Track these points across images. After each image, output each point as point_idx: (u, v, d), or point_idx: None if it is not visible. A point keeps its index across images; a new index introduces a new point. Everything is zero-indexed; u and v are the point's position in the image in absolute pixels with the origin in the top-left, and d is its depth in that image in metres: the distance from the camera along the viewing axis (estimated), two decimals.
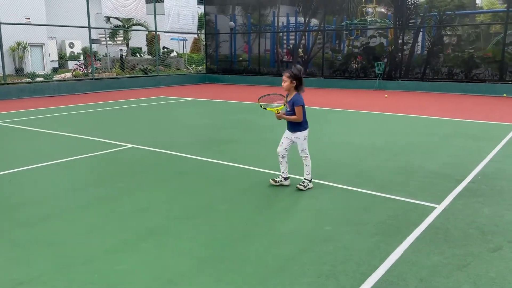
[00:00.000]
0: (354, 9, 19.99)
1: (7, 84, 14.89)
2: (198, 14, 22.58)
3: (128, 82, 18.59)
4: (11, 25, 15.68)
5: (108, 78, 18.42)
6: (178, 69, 25.02)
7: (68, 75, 18.98)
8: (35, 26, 20.62)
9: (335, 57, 20.34)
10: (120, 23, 26.31)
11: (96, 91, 16.90)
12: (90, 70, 18.58)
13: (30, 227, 3.76)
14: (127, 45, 28.01)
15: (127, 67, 22.43)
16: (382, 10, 20.53)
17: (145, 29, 25.51)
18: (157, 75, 20.09)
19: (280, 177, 4.89)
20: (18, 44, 22.31)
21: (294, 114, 4.68)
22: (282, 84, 4.77)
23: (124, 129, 8.75)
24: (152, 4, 20.48)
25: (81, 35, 24.35)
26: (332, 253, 3.26)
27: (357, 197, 4.58)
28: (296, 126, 4.75)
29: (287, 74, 4.70)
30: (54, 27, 22.40)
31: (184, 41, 28.27)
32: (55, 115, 10.69)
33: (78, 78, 18.03)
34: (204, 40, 24.63)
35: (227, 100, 14.24)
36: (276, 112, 4.72)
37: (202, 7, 23.55)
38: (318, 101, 13.22)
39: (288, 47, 22.18)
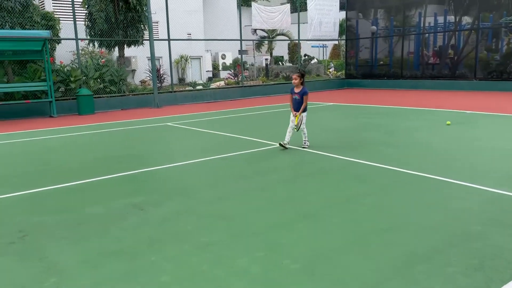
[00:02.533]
0: None
1: (174, 92, 17.44)
2: (339, 20, 22.93)
3: (272, 89, 19.96)
4: (177, 40, 18.33)
5: (255, 86, 20.05)
6: (318, 75, 25.70)
7: (222, 83, 21.21)
8: (195, 41, 23.53)
9: (492, 57, 18.55)
10: (265, 34, 28.20)
11: (245, 97, 18.60)
12: (240, 79, 20.46)
13: (209, 204, 4.67)
14: (271, 54, 29.83)
15: (271, 75, 23.97)
16: None
17: (288, 38, 26.85)
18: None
19: (287, 141, 7.31)
20: (181, 57, 25.71)
21: (302, 101, 7.19)
22: (293, 82, 7.29)
23: (272, 131, 9.63)
24: (295, 14, 21.59)
25: (232, 47, 26.91)
26: (481, 250, 3.35)
27: (510, 201, 4.44)
28: (299, 107, 7.18)
29: (297, 74, 7.25)
30: (210, 41, 25.21)
31: (324, 48, 28.87)
32: (213, 118, 12.25)
33: (230, 86, 20.04)
34: (344, 45, 24.82)
35: (367, 104, 14.28)
36: (297, 118, 7.23)
37: (343, 13, 23.81)
38: (471, 105, 12.36)
39: (435, 48, 20.98)
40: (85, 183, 5.67)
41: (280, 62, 30.47)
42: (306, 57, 29.45)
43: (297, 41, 22.49)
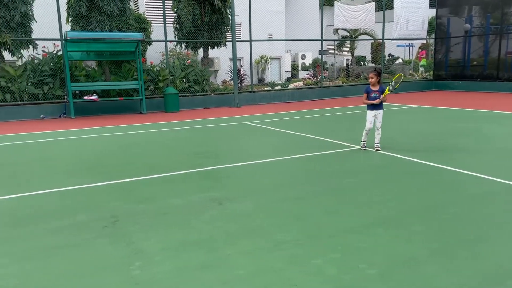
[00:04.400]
0: None
1: (254, 91, 17.77)
2: (428, 18, 21.68)
3: (353, 90, 19.47)
4: (258, 41, 18.64)
5: (334, 86, 19.72)
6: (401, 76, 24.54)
7: (300, 83, 21.17)
8: (276, 41, 23.77)
9: None
10: (347, 34, 27.60)
11: (324, 98, 18.38)
12: (319, 79, 20.26)
13: (284, 203, 4.70)
14: (353, 54, 29.12)
15: (351, 75, 23.41)
16: None
17: (372, 38, 26.01)
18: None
19: (364, 144, 7.35)
20: (262, 57, 26.12)
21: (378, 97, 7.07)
22: (370, 80, 7.10)
23: (350, 132, 9.41)
24: (380, 12, 20.84)
25: (312, 47, 26.73)
26: None
27: None
28: (381, 105, 7.17)
29: (374, 73, 7.07)
30: (290, 41, 25.29)
31: (410, 47, 27.50)
32: (291, 118, 12.28)
33: (309, 86, 19.93)
34: (433, 45, 23.42)
35: (457, 107, 13.35)
36: (386, 94, 7.09)
37: (433, 10, 22.47)
38: None
39: None
40: (168, 176, 6.01)
41: (362, 62, 29.62)
42: (390, 57, 28.29)
43: (381, 41, 21.69)
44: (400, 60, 28.85)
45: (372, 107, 7.20)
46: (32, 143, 9.07)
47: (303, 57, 29.80)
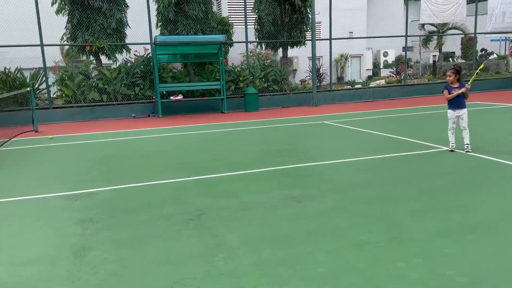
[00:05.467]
0: None
1: (333, 90, 17.52)
2: None
3: (440, 88, 18.29)
4: (338, 40, 18.33)
5: (419, 84, 18.74)
6: (497, 72, 22.59)
7: (382, 82, 20.42)
8: (357, 39, 23.19)
9: None
10: (434, 29, 26.04)
11: (407, 97, 17.56)
12: (402, 77, 19.39)
13: (365, 204, 4.61)
14: (440, 50, 27.40)
15: (438, 73, 22.04)
16: None
17: (462, 32, 24.27)
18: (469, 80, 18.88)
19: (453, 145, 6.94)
20: (341, 56, 25.64)
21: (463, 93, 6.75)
22: (448, 79, 6.89)
23: (436, 133, 8.89)
24: (471, 5, 19.38)
25: (395, 44, 25.62)
26: None
27: None
28: (464, 103, 6.81)
29: (452, 71, 6.79)
30: (371, 38, 24.48)
31: (507, 42, 25.19)
32: (371, 118, 11.92)
33: (391, 84, 19.16)
34: None
35: None
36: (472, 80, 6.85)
37: None
38: None
39: None
40: (249, 173, 6.19)
41: (450, 59, 27.75)
42: (483, 52, 26.17)
43: (472, 35, 20.16)
44: (495, 56, 26.54)
45: (454, 106, 6.88)
46: (126, 140, 9.86)
47: (385, 54, 28.70)
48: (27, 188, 5.84)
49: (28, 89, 12.32)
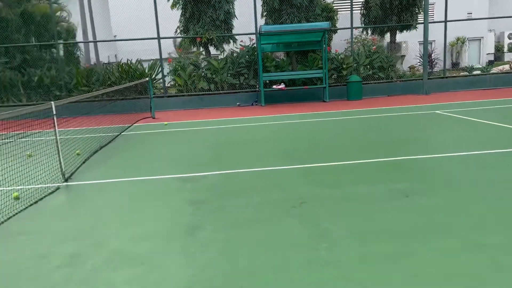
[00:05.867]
0: None
1: (446, 77, 16.18)
2: None
3: None
4: (454, 21, 16.78)
5: None
6: None
7: (506, 67, 18.28)
8: (476, 21, 21.02)
9: None
10: None
11: None
12: None
13: (482, 203, 4.21)
14: None
15: None
16: None
17: None
18: None
19: None
20: (458, 39, 23.48)
21: None
22: None
23: None
24: None
25: None
26: None
27: None
28: None
29: None
30: (494, 19, 21.98)
31: None
32: (491, 107, 10.78)
33: None
34: None
35: None
36: None
37: None
38: None
39: None
40: (354, 163, 6.05)
41: None
42: None
43: None
44: None
45: None
46: (232, 127, 10.32)
47: (510, 36, 25.56)
48: (147, 169, 6.45)
49: (147, 79, 13.54)
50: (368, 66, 15.92)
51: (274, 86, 15.02)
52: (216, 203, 4.70)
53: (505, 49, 25.07)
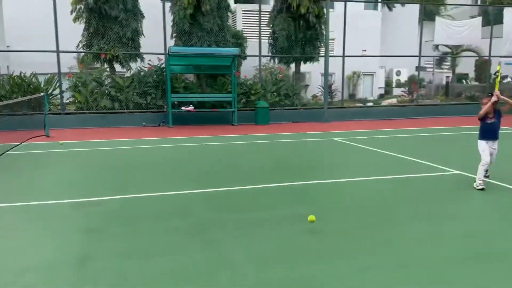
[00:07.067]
0: None
1: (344, 107, 17.48)
2: None
3: (452, 109, 18.21)
4: (351, 57, 18.32)
5: (431, 105, 18.62)
6: (511, 96, 22.35)
7: (394, 101, 20.34)
8: (370, 57, 23.20)
9: None
10: (448, 50, 25.96)
11: (419, 117, 17.42)
12: (415, 97, 19.29)
13: (372, 227, 4.53)
14: (453, 71, 27.25)
15: (451, 94, 21.91)
16: None
17: (476, 54, 24.13)
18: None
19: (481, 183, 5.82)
20: (354, 73, 25.63)
21: (500, 122, 5.89)
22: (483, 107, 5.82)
23: (449, 155, 8.77)
24: (486, 28, 19.29)
25: (408, 63, 25.55)
26: None
27: None
28: (497, 134, 5.93)
29: (489, 98, 5.77)
30: (384, 57, 24.47)
31: None
32: (382, 137, 11.83)
33: (403, 104, 19.07)
34: None
35: None
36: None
37: None
38: None
39: None
40: (257, 188, 6.14)
41: (463, 80, 27.58)
42: (496, 75, 25.95)
43: (487, 58, 20.05)
44: (509, 79, 26.31)
45: (488, 135, 5.96)
46: (136, 148, 9.90)
47: (398, 73, 28.60)
48: (36, 193, 5.86)
49: (42, 94, 12.48)
50: (275, 93, 16.57)
51: (183, 108, 14.85)
52: (110, 230, 4.40)
53: (394, 84, 27.96)
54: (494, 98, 5.77)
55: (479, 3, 33.01)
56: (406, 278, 3.30)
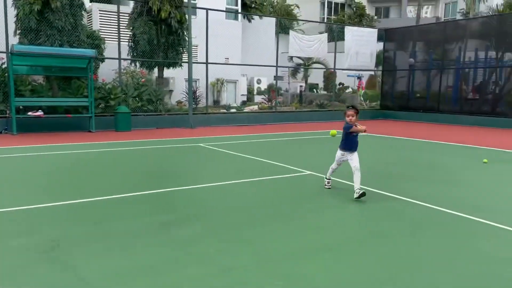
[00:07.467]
0: None
1: (209, 113, 17.77)
2: (376, 51, 22.91)
3: (305, 116, 20.00)
4: (214, 64, 18.77)
5: (288, 111, 20.16)
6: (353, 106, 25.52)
7: (255, 107, 21.45)
8: (232, 65, 24.06)
9: None
10: (301, 62, 28.47)
11: (278, 123, 18.71)
12: (273, 104, 20.65)
13: (233, 229, 4.68)
14: (306, 81, 30.00)
15: (304, 102, 24.06)
16: None
17: (324, 67, 26.98)
18: (331, 110, 21.11)
19: (329, 182, 6.59)
20: (218, 80, 26.28)
21: (356, 137, 6.30)
22: (349, 119, 6.12)
23: (304, 158, 9.60)
24: (332, 43, 21.75)
25: (267, 73, 27.26)
26: None
27: None
28: (356, 146, 6.28)
29: (354, 111, 6.15)
30: (246, 66, 25.68)
31: (360, 78, 28.74)
32: (245, 142, 12.36)
33: (263, 110, 20.24)
34: (380, 76, 24.68)
35: (402, 137, 14.05)
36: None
37: (381, 44, 23.78)
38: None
39: (475, 84, 20.50)
40: (115, 198, 5.82)
41: (314, 90, 30.55)
42: (341, 85, 29.40)
43: (332, 70, 22.57)
44: (350, 90, 30.06)
45: (344, 146, 6.28)
46: None
47: (258, 81, 30.28)
48: None
49: None
50: (137, 98, 15.97)
51: (30, 113, 13.27)
52: None
53: (255, 92, 29.51)
54: (363, 129, 6.14)
55: (325, 20, 36.96)
56: (265, 275, 3.48)
